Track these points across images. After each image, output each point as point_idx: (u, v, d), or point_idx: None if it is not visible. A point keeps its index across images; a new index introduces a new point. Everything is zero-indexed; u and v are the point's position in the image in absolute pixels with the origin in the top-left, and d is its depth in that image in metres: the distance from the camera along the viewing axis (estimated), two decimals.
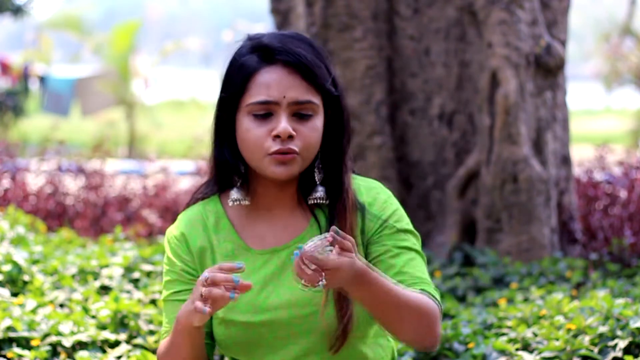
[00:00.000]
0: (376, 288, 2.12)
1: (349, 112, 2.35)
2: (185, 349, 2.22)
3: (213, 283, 2.07)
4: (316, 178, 2.31)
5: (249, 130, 2.24)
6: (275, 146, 2.23)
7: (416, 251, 2.30)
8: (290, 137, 2.23)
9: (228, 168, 2.31)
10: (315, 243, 2.04)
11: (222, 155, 2.31)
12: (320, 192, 2.30)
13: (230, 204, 2.31)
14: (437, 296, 2.27)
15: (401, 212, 2.34)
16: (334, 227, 2.06)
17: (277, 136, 2.22)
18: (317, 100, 2.26)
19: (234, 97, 2.26)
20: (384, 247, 2.28)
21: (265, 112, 2.24)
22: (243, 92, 2.25)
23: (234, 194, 2.31)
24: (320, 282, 2.03)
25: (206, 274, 2.09)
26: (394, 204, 2.34)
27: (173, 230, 2.36)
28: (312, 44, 2.30)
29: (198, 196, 2.39)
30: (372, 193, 2.34)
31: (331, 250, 2.04)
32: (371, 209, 2.31)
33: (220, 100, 2.29)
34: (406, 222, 2.33)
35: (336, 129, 2.32)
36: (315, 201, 2.30)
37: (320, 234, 2.26)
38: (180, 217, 2.38)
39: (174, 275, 2.33)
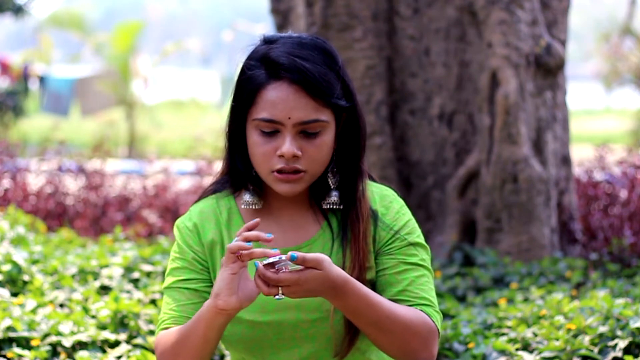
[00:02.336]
0: (356, 300, 2.13)
1: (364, 118, 2.33)
2: (206, 340, 2.18)
3: (250, 256, 2.08)
4: (330, 183, 2.30)
5: (256, 144, 2.24)
6: (279, 164, 2.22)
7: (424, 267, 2.30)
8: (296, 156, 2.22)
9: (240, 174, 2.32)
10: (274, 260, 2.06)
11: (234, 162, 2.32)
12: (334, 197, 2.30)
13: (243, 206, 2.32)
14: (436, 317, 2.26)
15: (413, 223, 2.33)
16: (289, 254, 2.06)
17: (282, 155, 2.22)
18: (325, 116, 2.23)
19: (242, 108, 2.26)
20: (393, 261, 2.28)
21: (272, 130, 2.22)
22: (250, 105, 2.24)
23: (247, 197, 2.31)
24: (277, 295, 2.07)
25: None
26: (407, 214, 2.34)
27: (185, 221, 2.35)
28: (326, 51, 2.27)
29: (211, 189, 2.38)
30: (386, 202, 2.33)
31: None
32: (384, 218, 2.30)
33: (232, 107, 2.29)
34: (417, 235, 2.32)
35: (351, 134, 2.31)
36: (329, 206, 2.30)
37: (333, 239, 2.27)
38: (192, 208, 2.37)
39: (183, 262, 2.31)
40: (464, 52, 5.68)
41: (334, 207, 2.29)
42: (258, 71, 2.23)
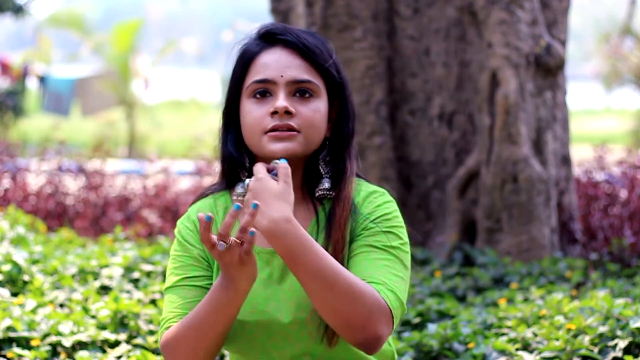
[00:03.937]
0: (294, 240, 2.09)
1: (354, 103, 2.35)
2: (221, 321, 2.16)
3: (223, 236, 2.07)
4: (322, 171, 2.30)
5: (249, 112, 2.26)
6: (272, 122, 2.24)
7: (389, 252, 2.22)
8: (289, 113, 2.23)
9: (233, 162, 2.32)
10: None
11: (227, 149, 2.32)
12: (326, 183, 2.29)
13: (234, 198, 2.31)
14: (389, 296, 2.15)
15: (392, 216, 2.27)
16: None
17: (275, 112, 2.23)
18: (317, 81, 2.28)
19: (237, 82, 2.30)
20: (359, 244, 2.23)
21: (264, 90, 2.25)
22: (245, 76, 2.28)
23: (239, 189, 2.31)
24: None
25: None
26: (388, 208, 2.28)
27: (184, 222, 2.35)
28: (317, 36, 2.33)
29: (210, 189, 2.39)
30: (371, 197, 2.31)
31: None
32: (362, 209, 2.29)
33: (229, 87, 2.32)
34: (392, 225, 2.26)
35: (342, 122, 2.32)
36: (322, 193, 2.29)
37: (318, 229, 2.26)
38: (191, 208, 2.37)
39: (188, 259, 2.29)
40: (464, 52, 5.69)
41: (326, 194, 2.29)
42: (253, 42, 2.31)
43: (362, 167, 5.55)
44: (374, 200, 2.30)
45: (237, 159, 2.31)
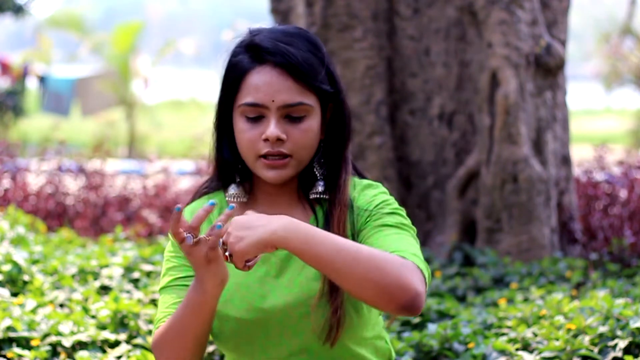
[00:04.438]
0: (307, 229, 2.06)
1: (349, 107, 2.34)
2: (197, 322, 2.17)
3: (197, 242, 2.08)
4: (317, 173, 2.30)
5: (242, 131, 2.26)
6: (265, 148, 2.23)
7: (400, 228, 2.23)
8: (281, 140, 2.22)
9: (227, 165, 2.32)
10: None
11: (221, 153, 2.33)
12: (320, 187, 2.30)
13: (227, 199, 2.32)
14: (415, 260, 2.13)
15: (392, 201, 2.29)
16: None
17: (267, 139, 2.23)
18: (310, 100, 2.25)
19: (228, 96, 2.28)
20: (369, 228, 2.24)
21: (256, 115, 2.24)
22: (236, 92, 2.26)
23: (232, 189, 2.32)
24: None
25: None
26: (385, 196, 2.30)
27: None
28: (309, 39, 2.28)
29: (203, 190, 2.39)
30: (366, 190, 2.33)
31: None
32: (358, 202, 2.29)
33: (219, 98, 2.31)
34: (394, 208, 2.27)
35: (337, 123, 2.32)
36: (316, 196, 2.30)
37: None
38: (185, 210, 2.37)
39: (181, 260, 2.30)
40: (464, 52, 5.69)
41: (320, 196, 2.29)
42: (242, 57, 2.26)
43: (362, 167, 5.56)
44: (370, 192, 2.32)
45: (231, 164, 2.32)
